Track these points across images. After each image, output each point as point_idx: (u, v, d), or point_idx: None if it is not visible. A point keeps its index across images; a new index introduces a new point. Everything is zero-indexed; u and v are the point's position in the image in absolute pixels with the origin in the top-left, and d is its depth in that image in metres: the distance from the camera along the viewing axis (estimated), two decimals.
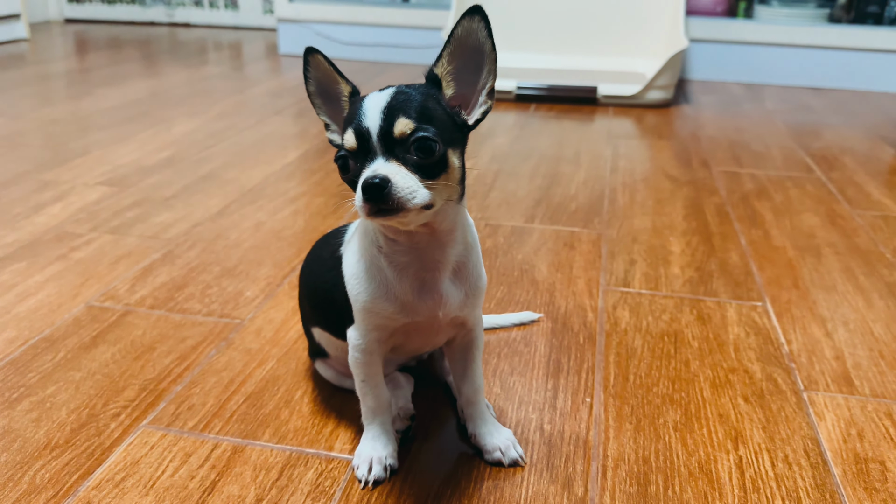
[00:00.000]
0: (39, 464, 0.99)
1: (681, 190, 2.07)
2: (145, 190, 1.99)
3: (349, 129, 0.81)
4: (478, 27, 0.83)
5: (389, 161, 0.78)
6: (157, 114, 2.79)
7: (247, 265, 1.56)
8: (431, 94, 0.84)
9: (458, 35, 0.83)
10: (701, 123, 2.81)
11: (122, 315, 1.36)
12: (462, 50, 0.84)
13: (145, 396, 1.13)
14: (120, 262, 1.57)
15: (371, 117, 0.79)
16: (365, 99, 0.82)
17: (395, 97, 0.81)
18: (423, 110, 0.80)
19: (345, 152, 0.82)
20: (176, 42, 4.57)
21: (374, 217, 0.78)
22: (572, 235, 1.75)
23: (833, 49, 3.37)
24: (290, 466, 0.99)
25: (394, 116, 0.79)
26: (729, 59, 3.50)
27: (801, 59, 3.42)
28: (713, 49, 3.49)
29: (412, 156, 0.79)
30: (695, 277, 1.55)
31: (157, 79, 3.50)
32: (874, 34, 3.33)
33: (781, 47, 3.43)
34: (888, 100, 3.27)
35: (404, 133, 0.78)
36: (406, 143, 0.79)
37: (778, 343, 1.30)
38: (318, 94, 0.91)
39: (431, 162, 0.79)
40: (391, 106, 0.80)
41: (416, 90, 0.83)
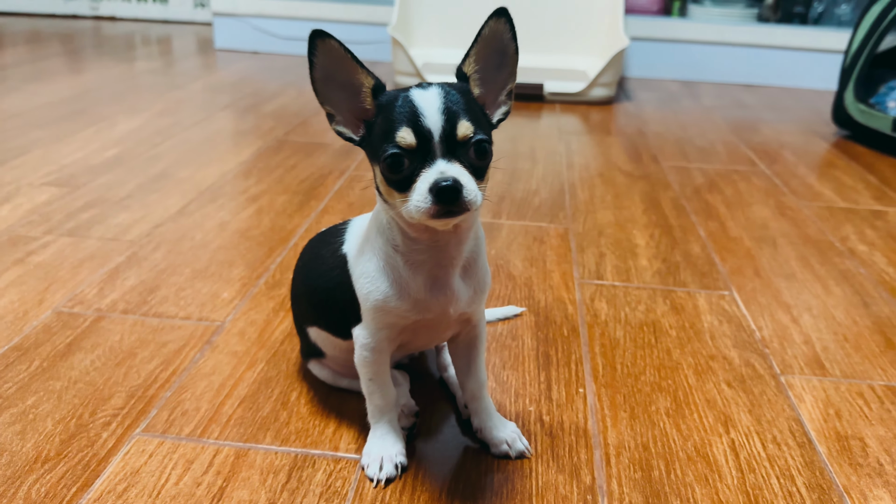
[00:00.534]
0: (33, 478, 0.95)
1: (636, 184, 2.13)
2: (97, 190, 1.91)
3: (404, 128, 0.79)
4: (503, 28, 0.84)
5: (452, 162, 0.79)
6: (96, 111, 2.68)
7: (218, 266, 1.53)
8: (470, 94, 0.85)
9: (485, 35, 0.84)
10: (644, 120, 2.90)
11: (95, 321, 1.31)
12: (487, 50, 0.85)
13: (134, 404, 1.10)
14: (83, 266, 1.50)
15: (431, 118, 0.79)
16: (413, 97, 0.81)
17: (449, 97, 0.81)
18: (474, 112, 0.82)
19: (398, 151, 0.80)
20: (101, 36, 4.40)
21: (439, 218, 0.78)
22: (540, 230, 1.77)
23: (762, 47, 3.53)
24: (297, 468, 0.98)
25: (455, 118, 0.79)
26: (665, 56, 3.62)
27: (733, 57, 3.56)
28: (650, 47, 3.60)
29: (471, 158, 0.80)
30: (663, 269, 1.60)
31: (86, 75, 3.36)
32: (800, 33, 3.50)
33: (714, 45, 3.56)
34: (814, 96, 3.44)
35: (467, 136, 0.79)
36: (466, 145, 0.79)
37: (750, 330, 1.36)
38: (324, 82, 0.86)
39: (485, 164, 0.82)
40: (449, 107, 0.80)
41: (457, 90, 0.83)
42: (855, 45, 2.55)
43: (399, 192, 0.82)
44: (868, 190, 2.15)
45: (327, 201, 1.90)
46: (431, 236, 0.88)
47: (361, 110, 0.87)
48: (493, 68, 0.87)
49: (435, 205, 0.77)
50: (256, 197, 1.92)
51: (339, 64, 0.85)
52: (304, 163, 2.20)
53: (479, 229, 0.94)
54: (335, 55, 0.85)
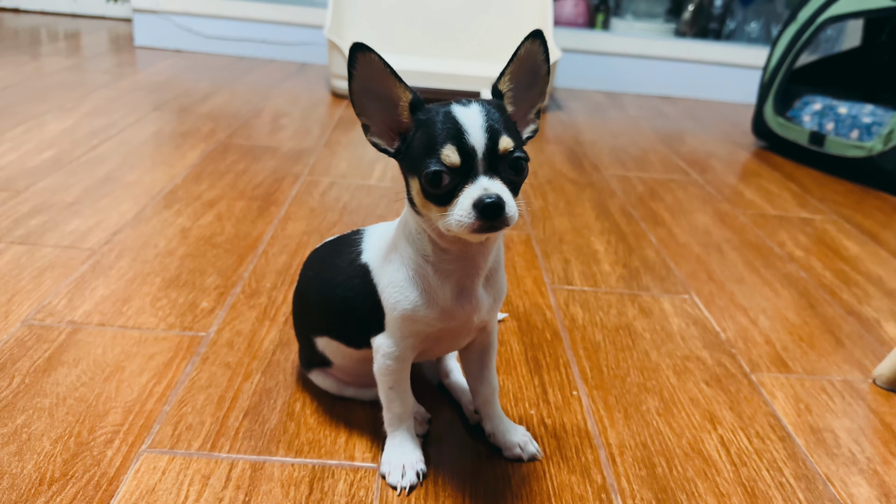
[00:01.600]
0: (41, 501, 0.90)
1: (584, 192, 2.22)
2: (42, 194, 1.82)
3: (449, 145, 0.82)
4: (538, 50, 0.87)
5: (493, 179, 0.81)
6: (20, 109, 2.53)
7: (189, 275, 1.49)
8: (506, 111, 0.87)
9: (521, 55, 0.87)
10: (578, 129, 3.00)
11: (71, 333, 1.25)
12: (521, 70, 0.88)
13: (134, 419, 1.06)
14: (44, 276, 1.43)
15: (475, 135, 0.81)
16: (454, 113, 0.83)
17: (490, 115, 0.84)
18: (512, 128, 0.84)
19: (442, 167, 0.82)
20: (4, 29, 4.14)
21: (481, 233, 0.81)
22: (505, 237, 1.82)
23: (680, 61, 3.72)
24: (318, 479, 0.98)
25: (497, 135, 0.82)
26: (590, 68, 3.75)
27: (653, 70, 3.74)
28: (576, 58, 3.73)
29: (509, 173, 0.82)
30: (625, 274, 1.68)
31: (6, 69, 3.16)
32: (714, 48, 3.71)
33: (636, 58, 3.73)
34: (730, 108, 3.66)
35: (507, 149, 0.82)
36: (506, 160, 0.82)
37: (715, 331, 1.45)
38: (362, 94, 0.88)
39: (521, 180, 0.85)
40: (491, 125, 0.82)
41: (495, 107, 0.86)
42: (773, 61, 2.74)
43: (438, 205, 0.84)
44: (793, 199, 2.31)
45: (287, 207, 1.88)
46: (462, 247, 0.90)
47: (397, 123, 0.89)
48: (525, 87, 0.90)
49: (479, 220, 0.80)
50: (213, 202, 1.87)
51: (378, 78, 0.87)
52: (254, 167, 2.17)
53: (501, 241, 0.98)
54: (375, 69, 0.86)
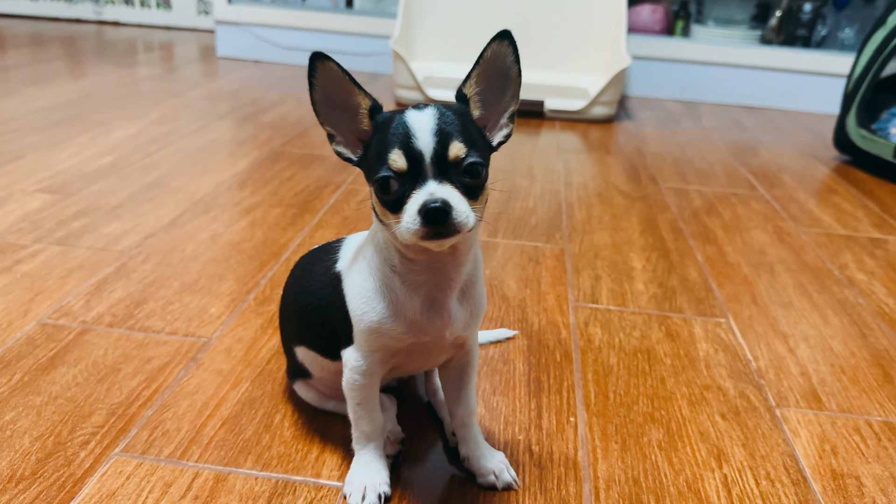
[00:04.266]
0: (5, 499, 0.92)
1: (634, 205, 2.12)
2: (90, 198, 1.89)
3: (396, 150, 0.78)
4: (507, 51, 0.83)
5: (443, 184, 0.77)
6: (93, 116, 2.66)
7: (207, 280, 1.51)
8: (468, 115, 0.83)
9: (487, 57, 0.83)
10: (643, 139, 2.88)
11: (80, 333, 1.29)
12: (489, 72, 0.84)
13: (115, 422, 1.07)
14: (71, 276, 1.48)
15: (423, 139, 0.78)
16: (406, 118, 0.80)
17: (443, 118, 0.80)
18: (468, 133, 0.80)
19: (389, 173, 0.79)
20: (104, 41, 4.39)
21: (429, 240, 0.77)
22: (536, 250, 1.75)
23: (764, 69, 3.52)
24: (277, 495, 0.95)
25: (447, 140, 0.78)
26: (666, 76, 3.61)
27: (734, 78, 3.56)
28: (651, 66, 3.59)
29: (463, 179, 0.78)
30: (659, 294, 1.58)
31: (86, 79, 3.34)
32: (802, 56, 3.50)
33: (716, 66, 3.56)
34: (814, 119, 3.44)
35: (458, 157, 0.78)
36: (458, 166, 0.78)
37: (746, 360, 1.34)
38: (324, 103, 0.86)
39: (478, 185, 0.80)
40: (441, 129, 0.78)
41: (454, 111, 0.82)
42: (858, 70, 2.54)
43: (392, 213, 0.80)
44: (868, 217, 2.13)
45: (322, 215, 1.88)
46: (429, 257, 0.86)
47: (360, 131, 0.86)
48: (496, 91, 0.85)
49: (424, 226, 0.76)
50: (250, 209, 1.90)
51: (338, 85, 0.85)
52: (300, 175, 2.19)
53: (478, 252, 0.93)
54: (334, 76, 0.84)
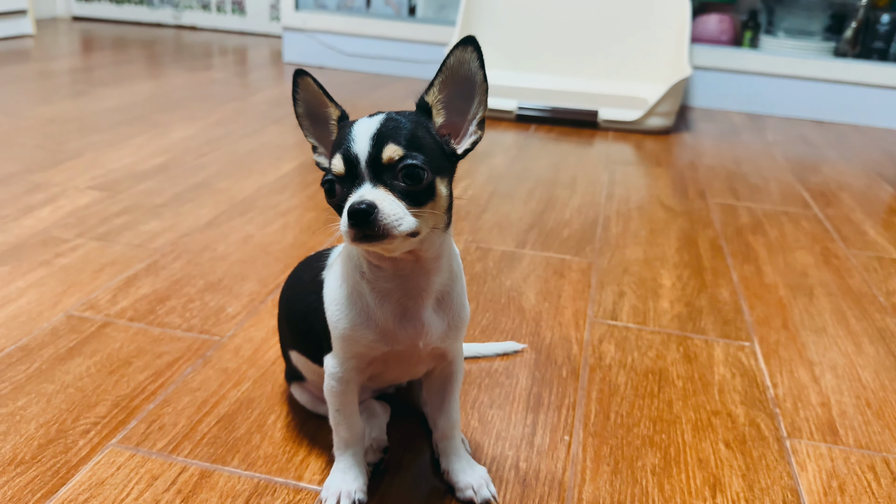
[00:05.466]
0: (3, 480, 0.97)
1: (675, 221, 2.06)
2: (136, 196, 1.98)
3: (337, 154, 0.80)
4: (470, 58, 0.82)
5: (377, 187, 0.78)
6: (155, 117, 2.78)
7: (231, 280, 1.55)
8: (421, 121, 0.83)
9: (451, 64, 0.82)
10: (700, 152, 2.80)
11: (102, 326, 1.34)
12: (454, 79, 0.83)
13: (117, 413, 1.11)
14: (104, 271, 1.55)
15: (360, 143, 0.79)
16: (354, 124, 0.81)
17: (385, 124, 0.80)
18: (412, 138, 0.79)
19: (332, 177, 0.80)
20: (181, 44, 4.57)
21: (359, 243, 0.77)
22: (563, 263, 1.73)
23: (837, 83, 3.37)
24: (256, 495, 0.97)
25: (383, 143, 0.78)
26: (732, 88, 3.50)
27: (804, 92, 3.41)
28: (717, 77, 3.49)
29: (400, 183, 0.78)
30: (683, 313, 1.53)
31: (158, 81, 3.49)
32: (879, 70, 3.33)
33: (785, 79, 3.43)
34: (888, 136, 3.26)
35: (392, 159, 0.78)
36: (394, 169, 0.78)
37: (763, 386, 1.28)
38: (307, 116, 0.90)
39: (419, 189, 0.78)
40: (380, 132, 0.79)
41: (405, 117, 0.82)
42: None
43: (339, 216, 0.81)
44: None
45: None
46: (393, 264, 0.86)
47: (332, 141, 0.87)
48: (462, 98, 0.84)
49: (350, 228, 0.76)
50: (286, 212, 1.94)
51: (315, 98, 0.88)
52: None
53: (454, 262, 0.91)
54: (311, 90, 0.88)
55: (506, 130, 2.95)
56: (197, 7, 4.98)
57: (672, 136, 3.01)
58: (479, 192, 2.18)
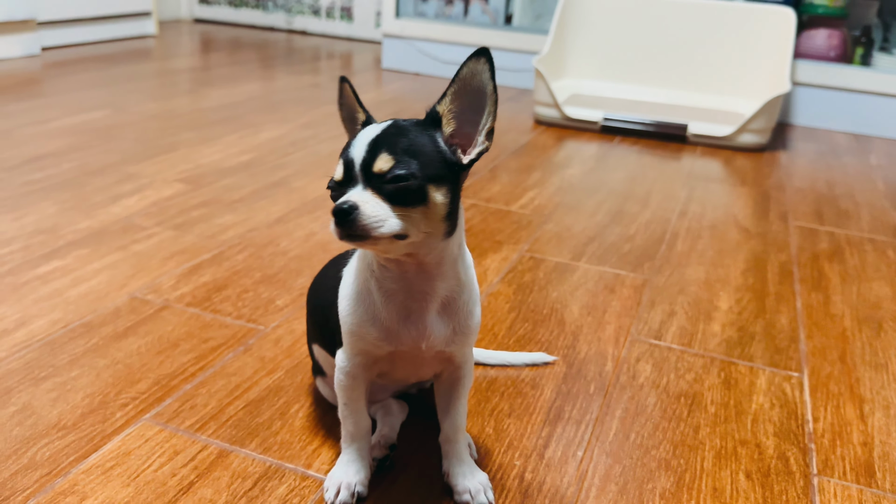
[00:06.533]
0: (44, 441, 1.06)
1: (748, 242, 1.98)
2: (216, 191, 2.10)
3: (340, 161, 0.85)
4: (482, 69, 0.83)
5: (366, 190, 0.81)
6: (250, 118, 2.93)
7: (286, 274, 1.62)
8: (424, 130, 0.85)
9: (463, 75, 0.84)
10: (791, 172, 2.67)
11: (160, 309, 1.44)
12: (466, 90, 0.85)
13: (156, 391, 1.19)
14: (172, 259, 1.66)
15: (358, 149, 0.83)
16: (361, 131, 0.85)
17: (385, 131, 0.84)
18: (409, 146, 0.82)
19: (331, 182, 0.85)
20: (291, 48, 4.78)
21: (345, 241, 0.81)
22: (616, 278, 1.70)
23: None
24: (265, 478, 1.02)
25: (377, 151, 0.82)
26: (838, 106, 3.31)
27: None
28: (822, 95, 3.32)
29: (388, 186, 0.81)
30: (734, 338, 1.47)
31: (261, 83, 3.67)
32: None
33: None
34: None
35: (382, 170, 0.81)
36: (383, 178, 0.81)
37: (803, 419, 1.22)
38: (348, 120, 0.96)
39: (405, 194, 0.81)
40: (377, 140, 0.83)
41: (409, 125, 0.85)
42: None
43: None
44: None
45: None
46: (397, 267, 0.89)
47: None
48: (472, 108, 0.86)
49: (335, 226, 0.80)
50: None
51: (351, 103, 0.94)
52: None
53: (463, 270, 0.92)
54: (348, 96, 0.94)
55: (588, 141, 2.92)
56: (308, 12, 5.19)
57: (765, 155, 2.89)
58: (545, 203, 2.17)
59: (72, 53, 3.93)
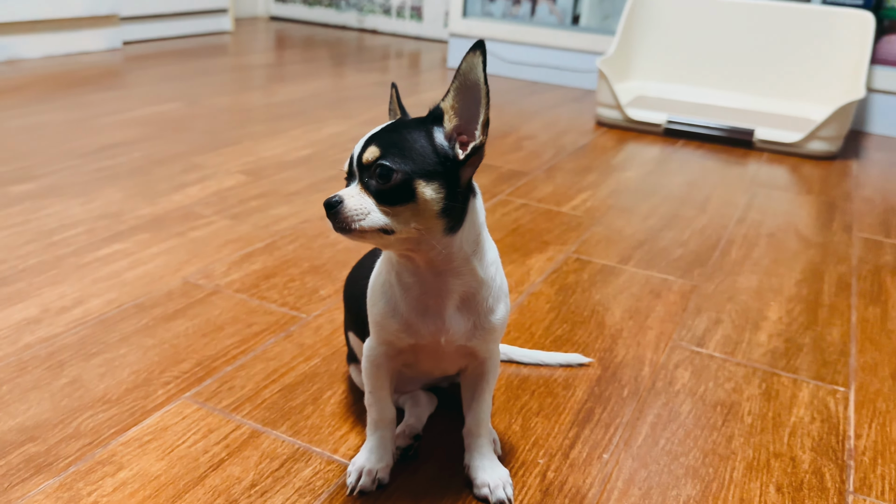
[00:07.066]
0: (89, 413, 1.12)
1: (806, 252, 1.92)
2: (275, 183, 2.16)
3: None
4: (476, 62, 0.83)
5: (357, 185, 0.84)
6: (316, 113, 2.99)
7: (333, 265, 1.66)
8: (421, 127, 0.87)
9: (463, 70, 0.84)
10: (861, 182, 2.57)
11: (209, 294, 1.50)
12: (466, 85, 0.85)
13: (197, 371, 1.24)
14: (227, 246, 1.72)
15: (358, 145, 0.86)
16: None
17: (384, 128, 0.88)
18: (398, 140, 0.84)
19: (345, 177, 0.88)
20: (361, 47, 4.86)
21: (339, 234, 0.85)
22: (663, 283, 1.68)
23: None
24: (292, 460, 1.05)
25: (368, 145, 0.85)
26: None
27: None
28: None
29: (373, 181, 0.83)
30: (780, 349, 1.43)
31: (330, 80, 3.74)
32: None
33: None
34: None
35: (369, 160, 0.84)
36: (370, 169, 0.84)
37: (844, 435, 1.18)
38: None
39: (388, 188, 0.83)
40: (373, 136, 0.86)
41: (408, 122, 0.88)
42: None
43: None
44: None
45: None
46: (409, 262, 0.91)
47: None
48: (472, 102, 0.86)
49: (327, 218, 0.85)
50: None
51: (395, 107, 0.98)
52: None
53: (481, 268, 0.93)
54: (394, 98, 0.98)
55: (650, 144, 2.87)
56: (379, 12, 5.27)
57: (835, 163, 2.78)
58: (597, 205, 2.15)
59: (151, 48, 4.10)
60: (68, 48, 3.72)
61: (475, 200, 0.92)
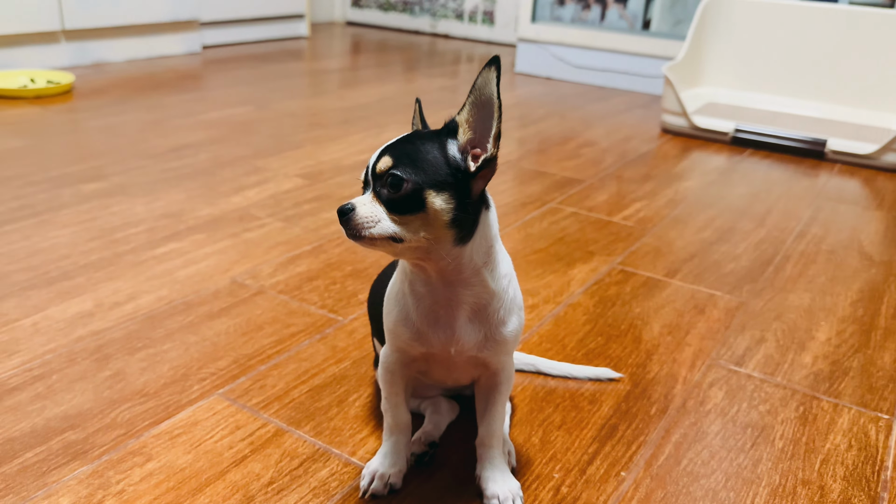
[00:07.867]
0: (127, 405, 1.19)
1: (868, 271, 1.83)
2: (330, 187, 2.21)
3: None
4: (491, 77, 0.85)
5: (370, 194, 0.87)
6: (378, 118, 3.05)
7: (375, 270, 1.69)
8: (435, 139, 0.88)
9: (478, 84, 0.86)
10: None
11: (254, 294, 1.55)
12: (480, 99, 0.86)
13: (233, 369, 1.30)
14: (276, 248, 1.77)
15: (374, 155, 0.88)
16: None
17: (400, 139, 0.89)
18: (413, 152, 0.86)
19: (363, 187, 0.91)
20: (433, 51, 4.91)
21: (352, 240, 0.87)
22: (709, 299, 1.64)
23: None
24: (311, 460, 1.08)
25: (383, 155, 0.87)
26: None
27: None
28: None
29: (385, 190, 0.85)
30: (824, 371, 1.38)
31: (399, 84, 3.80)
32: None
33: None
34: None
35: (382, 170, 0.86)
36: (383, 178, 0.85)
37: (881, 466, 1.13)
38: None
39: (399, 198, 0.85)
40: (388, 146, 0.88)
41: (424, 133, 0.90)
42: None
43: None
44: None
45: (509, 229, 1.96)
46: (420, 272, 0.93)
47: None
48: (486, 116, 0.87)
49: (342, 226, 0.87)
50: None
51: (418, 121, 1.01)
52: (515, 188, 2.29)
53: (493, 280, 0.94)
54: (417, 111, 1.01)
55: (715, 153, 2.80)
56: (451, 17, 5.31)
57: None
58: (651, 215, 2.11)
59: (229, 52, 4.26)
60: (150, 52, 3.91)
61: (488, 213, 0.93)
